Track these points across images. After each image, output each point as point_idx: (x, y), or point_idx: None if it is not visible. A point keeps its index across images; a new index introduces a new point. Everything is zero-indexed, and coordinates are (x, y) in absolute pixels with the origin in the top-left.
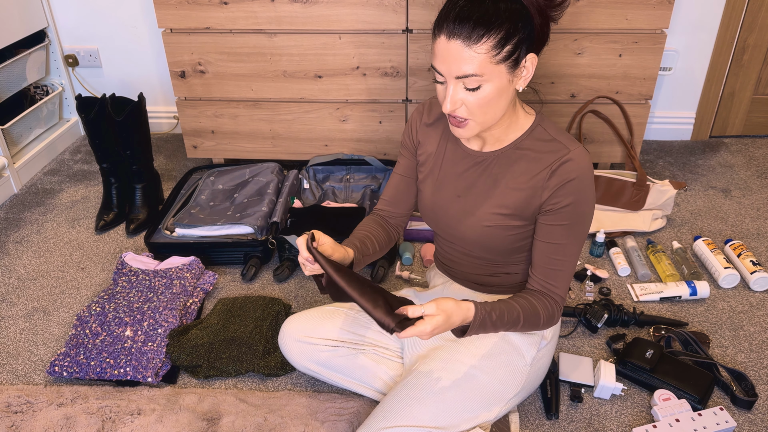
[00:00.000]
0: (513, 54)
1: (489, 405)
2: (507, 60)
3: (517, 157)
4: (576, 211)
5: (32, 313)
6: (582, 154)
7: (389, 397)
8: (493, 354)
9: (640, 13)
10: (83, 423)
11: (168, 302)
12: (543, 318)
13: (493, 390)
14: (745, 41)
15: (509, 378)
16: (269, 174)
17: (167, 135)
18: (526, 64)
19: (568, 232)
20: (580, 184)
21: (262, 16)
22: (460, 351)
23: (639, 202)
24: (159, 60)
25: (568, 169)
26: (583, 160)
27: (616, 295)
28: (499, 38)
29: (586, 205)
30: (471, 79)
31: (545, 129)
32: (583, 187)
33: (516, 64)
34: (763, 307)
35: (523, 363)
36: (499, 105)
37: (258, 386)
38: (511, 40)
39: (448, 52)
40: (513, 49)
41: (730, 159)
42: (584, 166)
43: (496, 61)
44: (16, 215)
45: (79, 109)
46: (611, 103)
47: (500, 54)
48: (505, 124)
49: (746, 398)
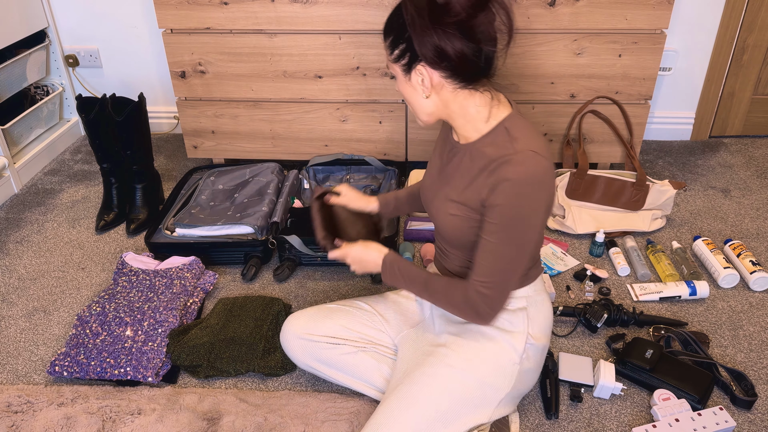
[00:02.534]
0: (400, 59)
1: (481, 407)
2: (398, 62)
3: (475, 156)
4: (508, 213)
5: (33, 313)
6: (528, 158)
7: (382, 407)
8: (482, 357)
9: (640, 13)
10: (83, 423)
11: (168, 302)
12: (461, 301)
13: (484, 392)
14: (745, 41)
15: (499, 380)
16: (269, 174)
17: (167, 135)
18: (417, 70)
19: (499, 232)
20: (516, 187)
21: (262, 17)
22: (448, 356)
23: (639, 202)
24: (159, 60)
25: (505, 170)
26: (526, 164)
27: (615, 294)
28: (390, 40)
29: (521, 209)
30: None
31: (507, 130)
32: (518, 190)
33: (407, 70)
34: (762, 307)
35: (512, 363)
36: (411, 100)
37: (258, 386)
38: (399, 46)
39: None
40: (400, 54)
41: (729, 159)
42: (525, 170)
43: (392, 59)
44: (16, 215)
45: (79, 109)
46: (611, 104)
47: (392, 55)
48: (461, 123)
49: (746, 398)
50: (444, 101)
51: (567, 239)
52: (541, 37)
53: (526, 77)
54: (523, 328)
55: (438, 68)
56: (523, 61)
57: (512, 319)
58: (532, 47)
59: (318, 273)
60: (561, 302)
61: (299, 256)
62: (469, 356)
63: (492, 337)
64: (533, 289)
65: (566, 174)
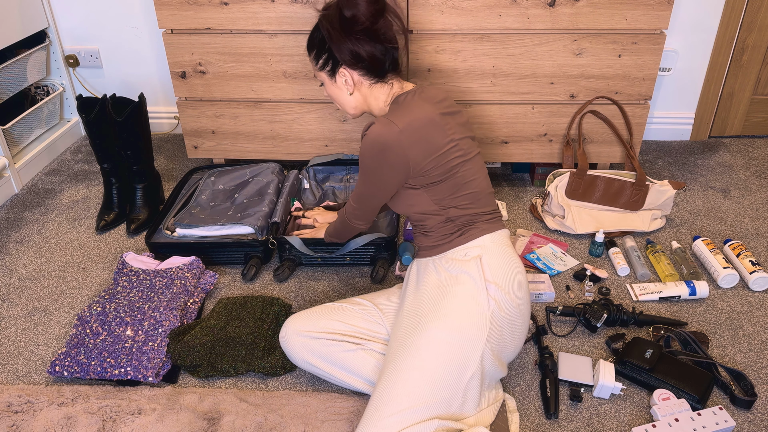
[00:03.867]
0: (324, 68)
1: (466, 363)
2: (323, 69)
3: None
4: (361, 162)
5: (33, 313)
6: (382, 122)
7: (377, 389)
8: (451, 312)
9: (640, 13)
10: (84, 422)
11: (168, 302)
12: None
13: (463, 346)
14: (745, 41)
15: (473, 330)
16: (270, 174)
17: (168, 135)
18: (342, 73)
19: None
20: (365, 142)
21: (262, 17)
22: (421, 321)
23: (638, 202)
24: (159, 60)
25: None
26: (377, 126)
27: (615, 294)
28: (314, 54)
29: (366, 163)
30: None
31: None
32: (364, 145)
33: (332, 74)
34: (762, 307)
35: (481, 310)
36: (340, 99)
37: (258, 386)
38: (321, 57)
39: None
40: (323, 64)
41: (729, 159)
42: (374, 130)
43: (317, 68)
44: (16, 215)
45: (79, 109)
46: (610, 104)
47: (318, 65)
48: (376, 111)
49: (745, 398)
50: (364, 95)
51: (567, 239)
52: (541, 37)
53: (526, 77)
54: (478, 275)
55: (356, 68)
56: (523, 61)
57: (466, 269)
58: (532, 47)
59: (318, 273)
60: (561, 302)
61: (299, 256)
62: (438, 315)
63: (455, 292)
64: (490, 239)
65: (566, 174)
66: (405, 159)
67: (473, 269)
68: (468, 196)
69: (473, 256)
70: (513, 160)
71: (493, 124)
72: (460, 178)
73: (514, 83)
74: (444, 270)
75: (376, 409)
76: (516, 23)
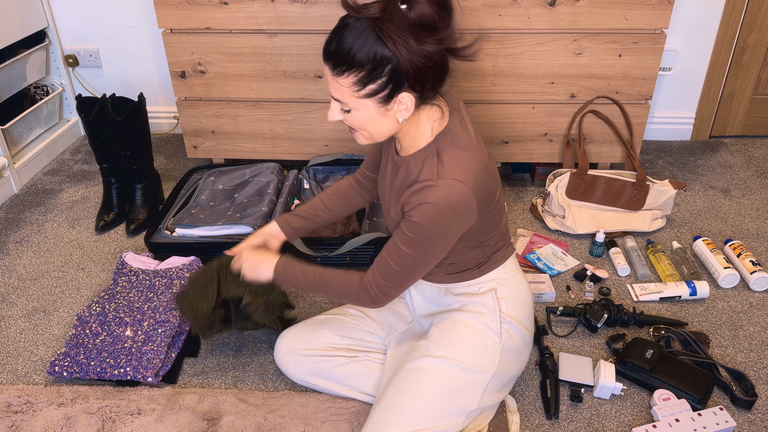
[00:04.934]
0: (377, 93)
1: (468, 393)
2: (371, 97)
3: (410, 168)
4: (421, 232)
5: (32, 313)
6: (448, 185)
7: (375, 409)
8: (461, 342)
9: (640, 13)
10: (83, 423)
11: (168, 302)
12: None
13: (468, 377)
14: (745, 41)
15: (481, 362)
16: (269, 174)
17: (167, 135)
18: (400, 100)
19: (407, 240)
20: (431, 210)
21: (262, 17)
22: (428, 347)
23: (639, 202)
24: (159, 60)
25: (426, 193)
26: (444, 192)
27: (615, 295)
28: (360, 77)
29: (434, 232)
30: (341, 104)
31: (438, 150)
32: (433, 214)
33: (386, 101)
34: (762, 307)
35: (492, 344)
36: (378, 128)
37: (258, 386)
38: (375, 81)
39: (324, 73)
40: (378, 89)
41: (729, 159)
42: (444, 196)
43: (359, 96)
44: (16, 215)
45: (79, 109)
46: (611, 103)
47: (362, 91)
48: (408, 137)
49: (746, 398)
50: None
51: (567, 239)
52: (541, 36)
53: (526, 77)
54: (494, 307)
55: (418, 90)
56: (523, 61)
57: (482, 301)
58: (533, 47)
59: None
60: (561, 302)
61: (299, 256)
62: (448, 344)
63: (467, 322)
64: (503, 271)
65: (566, 174)
66: (473, 218)
67: (489, 302)
68: (498, 232)
69: (488, 289)
70: (513, 160)
71: (493, 123)
72: (497, 217)
73: (514, 83)
74: (454, 298)
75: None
76: (516, 23)
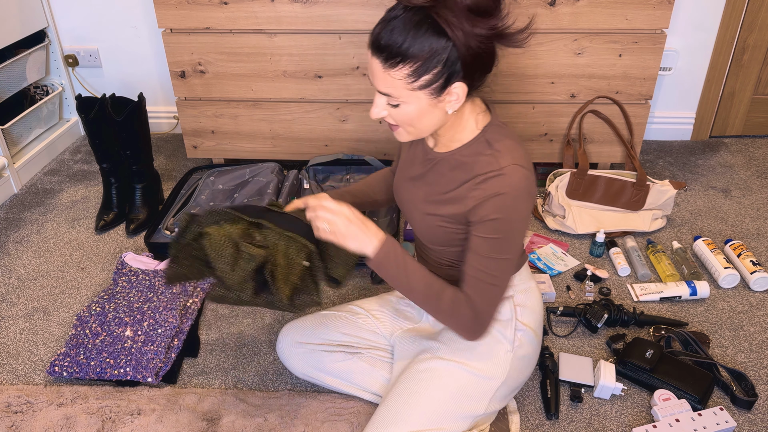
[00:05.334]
0: (432, 84)
1: (476, 399)
2: (425, 88)
3: (454, 166)
4: (503, 227)
5: (32, 313)
6: (514, 170)
7: (381, 406)
8: (474, 347)
9: (640, 13)
10: (83, 423)
11: (168, 302)
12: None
13: (478, 383)
14: (745, 41)
15: (492, 367)
16: (269, 174)
17: (167, 135)
18: (452, 91)
19: (494, 246)
20: (505, 200)
21: (262, 16)
22: (441, 349)
23: (639, 202)
24: (159, 60)
25: (494, 184)
26: (515, 177)
27: (616, 295)
28: (415, 68)
29: (512, 222)
30: (390, 98)
31: (489, 142)
32: (509, 203)
33: (439, 92)
34: (763, 307)
35: (505, 351)
36: (425, 122)
37: (258, 386)
38: (431, 71)
39: (371, 67)
40: (433, 79)
41: (730, 159)
42: (514, 182)
43: (413, 88)
44: (16, 215)
45: (79, 109)
46: (611, 103)
47: (416, 82)
48: (450, 132)
49: (746, 398)
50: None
51: (567, 239)
52: (542, 36)
53: (526, 77)
54: (510, 316)
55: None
56: (523, 61)
57: (499, 308)
58: (533, 47)
59: None
60: (561, 302)
61: None
62: (460, 348)
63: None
64: (519, 278)
65: (566, 174)
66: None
67: (506, 309)
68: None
69: (505, 297)
70: None
71: None
72: None
73: (514, 83)
74: None
75: (377, 427)
76: (516, 23)
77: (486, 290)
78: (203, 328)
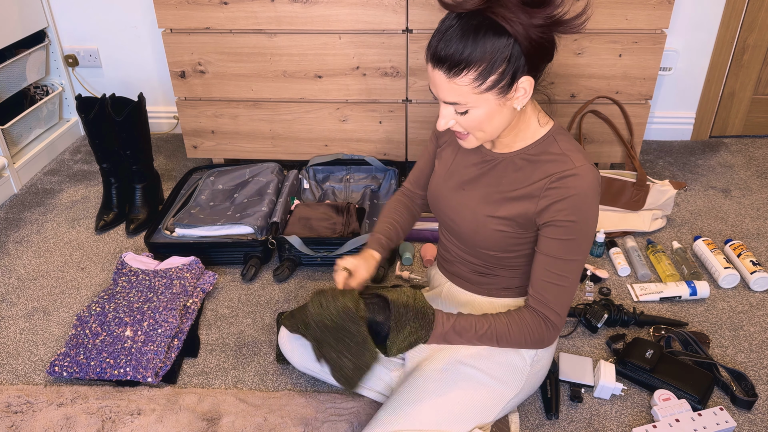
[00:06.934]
0: (499, 83)
1: (490, 406)
2: (493, 89)
3: (521, 165)
4: (576, 228)
5: (32, 313)
6: (588, 170)
7: (391, 400)
8: (493, 354)
9: (640, 13)
10: (83, 423)
11: (168, 302)
12: (528, 336)
13: (494, 390)
14: (745, 41)
15: (509, 378)
16: (269, 174)
17: (167, 135)
18: (519, 86)
19: (568, 247)
20: (581, 200)
21: (262, 16)
22: (460, 351)
23: (639, 202)
24: (159, 60)
25: (570, 184)
26: (588, 177)
27: (616, 295)
28: (480, 71)
29: (586, 223)
30: (457, 106)
31: (557, 142)
32: (584, 203)
33: (506, 90)
34: (763, 307)
35: (523, 363)
36: (495, 123)
37: (258, 386)
38: (496, 71)
39: (433, 79)
40: (499, 78)
41: (730, 159)
42: (588, 183)
43: (480, 91)
44: (16, 215)
45: (79, 109)
46: (611, 103)
47: (483, 85)
48: (513, 133)
49: (746, 398)
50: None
51: None
52: None
53: None
54: None
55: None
56: None
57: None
58: None
59: (318, 273)
60: None
61: (299, 256)
62: (481, 354)
63: None
64: None
65: None
66: None
67: None
68: None
69: None
70: None
71: None
72: None
73: None
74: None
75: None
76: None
77: (558, 293)
78: (203, 328)
